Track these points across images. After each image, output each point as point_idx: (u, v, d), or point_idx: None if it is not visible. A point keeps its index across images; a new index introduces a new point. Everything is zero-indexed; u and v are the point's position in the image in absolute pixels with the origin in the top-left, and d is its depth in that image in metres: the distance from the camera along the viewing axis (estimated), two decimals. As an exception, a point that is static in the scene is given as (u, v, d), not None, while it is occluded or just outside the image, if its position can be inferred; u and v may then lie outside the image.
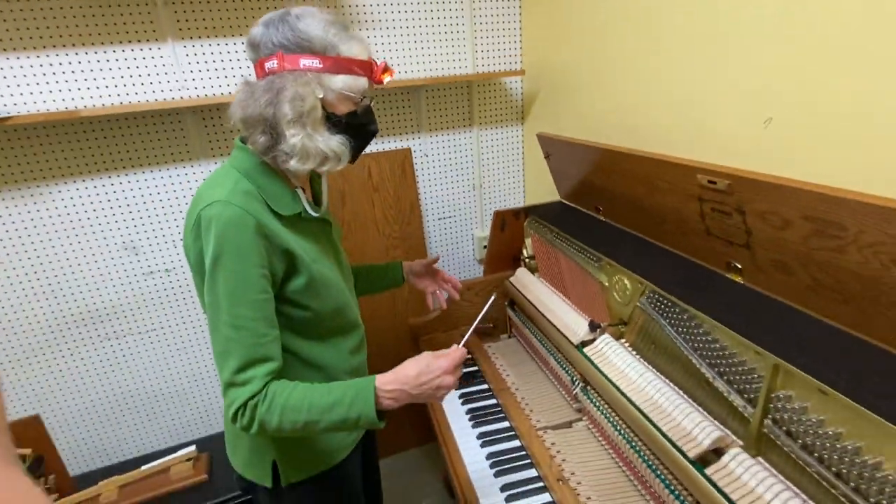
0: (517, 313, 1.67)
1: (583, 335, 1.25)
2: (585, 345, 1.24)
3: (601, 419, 1.17)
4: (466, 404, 1.45)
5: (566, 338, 1.30)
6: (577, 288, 1.40)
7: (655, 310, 1.07)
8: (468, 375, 1.56)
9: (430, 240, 2.13)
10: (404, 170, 1.96)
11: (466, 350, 0.92)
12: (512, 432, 1.32)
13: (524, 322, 1.61)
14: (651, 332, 1.11)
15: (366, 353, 1.11)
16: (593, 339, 1.23)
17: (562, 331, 1.33)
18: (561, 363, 1.37)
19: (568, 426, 1.29)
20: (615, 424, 1.12)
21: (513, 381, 1.49)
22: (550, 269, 1.54)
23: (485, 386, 1.52)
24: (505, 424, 1.35)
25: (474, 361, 1.62)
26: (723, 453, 0.86)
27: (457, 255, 2.21)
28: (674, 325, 1.02)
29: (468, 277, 2.00)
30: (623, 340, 1.20)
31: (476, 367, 1.60)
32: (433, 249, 2.15)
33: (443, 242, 2.17)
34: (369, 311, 1.95)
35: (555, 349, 1.41)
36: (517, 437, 1.30)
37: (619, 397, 1.07)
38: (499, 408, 1.42)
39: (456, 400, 1.47)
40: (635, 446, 1.06)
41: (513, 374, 1.52)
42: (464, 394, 1.49)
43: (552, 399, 1.39)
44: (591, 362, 1.18)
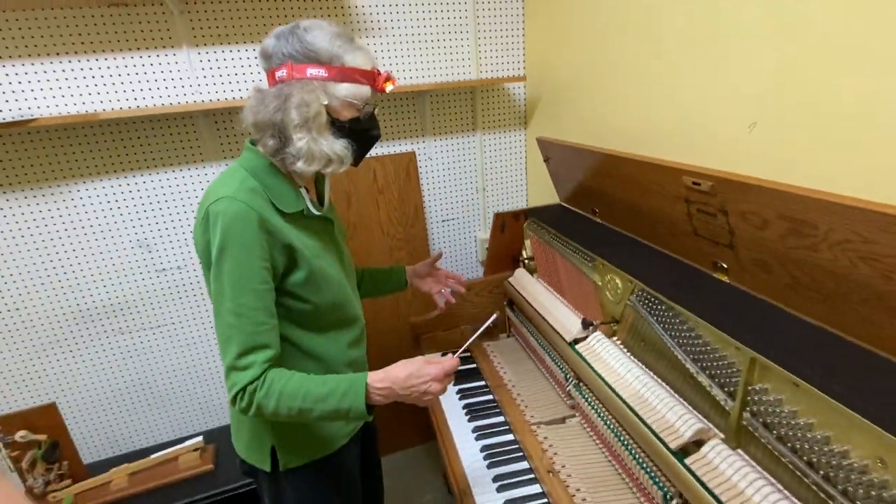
0: (516, 313, 1.70)
1: (576, 333, 1.29)
2: (578, 342, 1.27)
3: (591, 413, 1.20)
4: (463, 399, 1.49)
5: (560, 335, 1.34)
6: (572, 287, 1.44)
7: (644, 307, 1.11)
8: (466, 372, 1.60)
9: (433, 242, 2.18)
10: (409, 173, 2.01)
11: (459, 361, 0.96)
12: (506, 427, 1.36)
13: (522, 321, 1.65)
14: (640, 329, 1.15)
15: (365, 347, 1.16)
16: (586, 337, 1.26)
17: (556, 329, 1.37)
18: (556, 360, 1.41)
19: (561, 422, 1.32)
20: (604, 418, 1.16)
21: (510, 378, 1.52)
22: (548, 270, 1.58)
23: (482, 382, 1.55)
24: (500, 419, 1.39)
25: (473, 359, 1.66)
26: (704, 444, 0.90)
27: (460, 256, 2.25)
28: (661, 322, 1.05)
29: (471, 279, 2.04)
30: (615, 338, 1.23)
31: (474, 365, 1.64)
32: (436, 251, 2.19)
33: (446, 244, 2.21)
34: (373, 311, 1.99)
35: (550, 347, 1.45)
36: (511, 431, 1.33)
37: (607, 392, 1.11)
38: (495, 403, 1.45)
39: (454, 395, 1.51)
40: (622, 439, 1.09)
41: (510, 371, 1.56)
42: (461, 389, 1.53)
43: (547, 395, 1.42)
44: (582, 358, 1.22)
